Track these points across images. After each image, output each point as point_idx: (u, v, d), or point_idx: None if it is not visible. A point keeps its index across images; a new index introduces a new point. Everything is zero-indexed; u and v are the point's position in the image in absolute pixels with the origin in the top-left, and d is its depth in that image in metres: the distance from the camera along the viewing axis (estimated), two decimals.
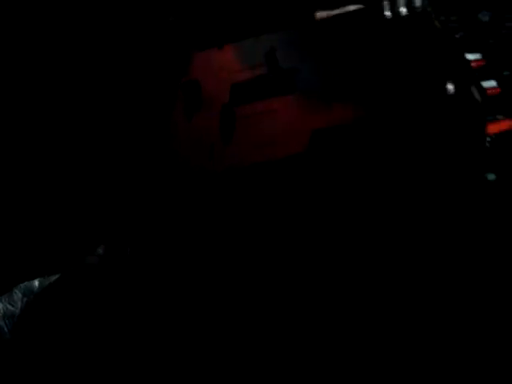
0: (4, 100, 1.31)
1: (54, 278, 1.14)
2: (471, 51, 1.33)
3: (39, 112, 1.31)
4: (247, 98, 1.26)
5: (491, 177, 1.16)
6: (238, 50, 1.41)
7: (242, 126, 1.20)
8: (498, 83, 1.25)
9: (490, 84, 1.22)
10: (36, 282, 1.14)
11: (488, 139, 1.25)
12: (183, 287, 1.10)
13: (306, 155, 1.10)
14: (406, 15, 1.23)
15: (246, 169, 1.11)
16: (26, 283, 1.16)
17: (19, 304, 1.12)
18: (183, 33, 1.44)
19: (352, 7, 1.33)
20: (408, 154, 1.12)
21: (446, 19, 1.54)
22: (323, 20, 1.40)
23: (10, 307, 1.14)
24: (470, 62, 1.27)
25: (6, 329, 1.11)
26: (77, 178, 1.20)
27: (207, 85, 1.34)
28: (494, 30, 1.49)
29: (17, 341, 1.08)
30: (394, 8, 1.30)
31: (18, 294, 1.14)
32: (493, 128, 1.15)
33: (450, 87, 1.12)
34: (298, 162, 1.11)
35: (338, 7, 1.40)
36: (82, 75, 1.34)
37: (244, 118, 1.22)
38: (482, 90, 1.12)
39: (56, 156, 1.24)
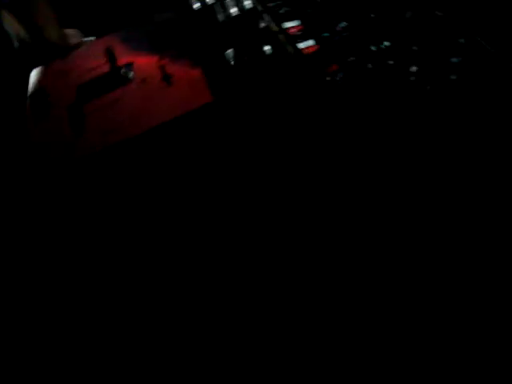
0: None
1: None
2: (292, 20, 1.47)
3: None
4: (92, 94, 1.33)
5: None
6: (80, 55, 1.48)
7: (89, 120, 1.27)
8: (317, 42, 1.39)
9: (307, 44, 1.36)
10: None
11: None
12: None
13: (145, 135, 1.19)
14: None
15: (96, 154, 1.18)
16: None
17: None
18: (27, 47, 1.50)
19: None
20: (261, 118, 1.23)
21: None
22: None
23: None
24: (288, 29, 1.40)
25: None
26: None
27: (55, 91, 1.39)
28: (311, 1, 1.65)
29: None
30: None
31: None
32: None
33: (267, 48, 1.24)
34: (139, 143, 1.19)
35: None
36: None
37: (91, 113, 1.29)
38: (298, 50, 1.24)
39: None
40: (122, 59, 1.41)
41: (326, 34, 1.52)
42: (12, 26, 1.58)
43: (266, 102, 1.24)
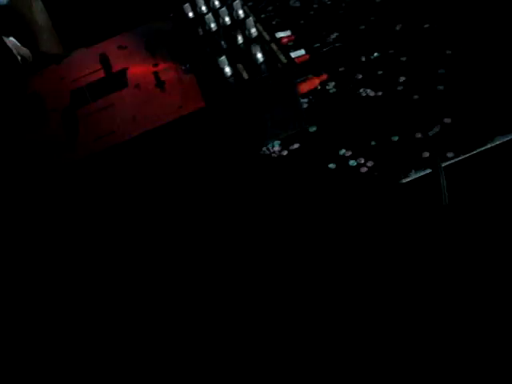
0: None
1: None
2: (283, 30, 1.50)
3: None
4: (86, 99, 1.35)
5: (313, 128, 1.31)
6: (75, 61, 1.51)
7: (84, 124, 1.28)
8: (308, 52, 1.42)
9: (299, 53, 1.39)
10: None
11: (307, 99, 1.41)
12: None
13: (138, 139, 1.21)
14: None
15: (89, 158, 1.20)
16: None
17: None
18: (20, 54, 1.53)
19: None
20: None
21: (262, 10, 1.72)
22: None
23: None
24: (281, 38, 1.43)
25: None
26: None
27: (49, 97, 1.41)
28: (303, 13, 1.69)
29: None
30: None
31: None
32: (304, 86, 1.30)
33: (259, 56, 1.26)
34: (135, 145, 1.21)
35: None
36: None
37: (85, 117, 1.31)
38: (290, 58, 1.27)
39: None
40: (117, 65, 1.43)
41: (316, 45, 1.56)
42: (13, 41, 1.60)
43: (257, 108, 1.26)
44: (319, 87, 1.37)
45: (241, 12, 1.43)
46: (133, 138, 1.20)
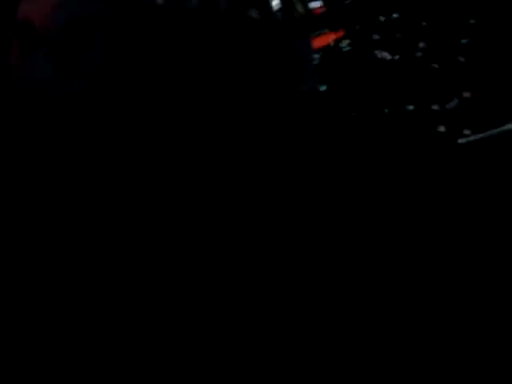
0: None
1: None
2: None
3: None
4: None
5: (323, 88, 1.25)
6: None
7: None
8: (325, 4, 1.34)
9: (315, 4, 1.31)
10: None
11: (317, 55, 1.34)
12: None
13: None
14: None
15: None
16: None
17: None
18: None
19: None
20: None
21: None
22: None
23: None
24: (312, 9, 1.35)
25: None
26: None
27: (42, 24, 1.31)
28: None
29: None
30: None
31: None
32: (319, 41, 1.24)
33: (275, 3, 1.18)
34: None
35: None
36: None
37: None
38: (308, 9, 1.19)
39: None
40: None
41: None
42: None
43: (266, 65, 1.19)
44: (332, 44, 1.30)
45: None
46: None
